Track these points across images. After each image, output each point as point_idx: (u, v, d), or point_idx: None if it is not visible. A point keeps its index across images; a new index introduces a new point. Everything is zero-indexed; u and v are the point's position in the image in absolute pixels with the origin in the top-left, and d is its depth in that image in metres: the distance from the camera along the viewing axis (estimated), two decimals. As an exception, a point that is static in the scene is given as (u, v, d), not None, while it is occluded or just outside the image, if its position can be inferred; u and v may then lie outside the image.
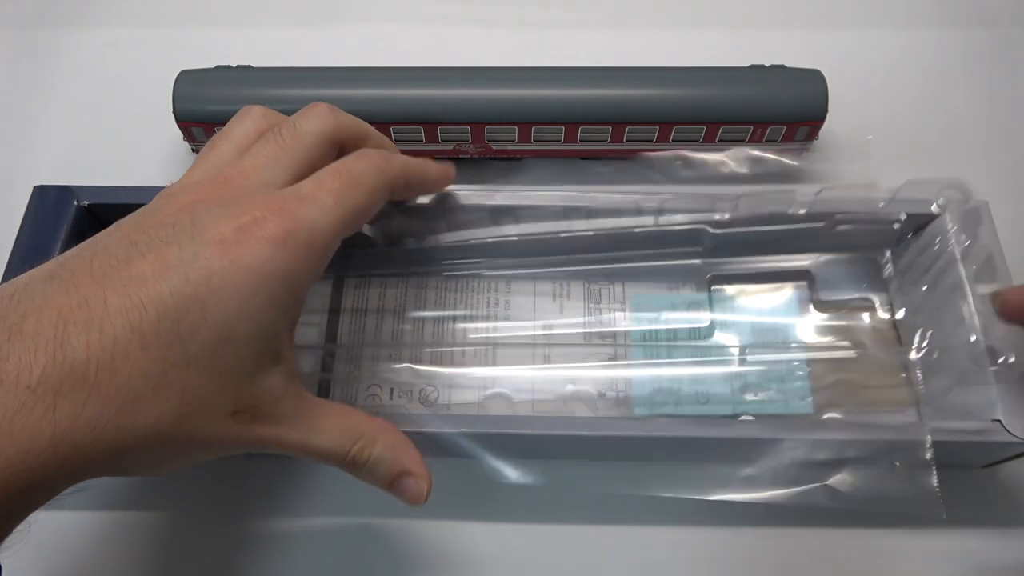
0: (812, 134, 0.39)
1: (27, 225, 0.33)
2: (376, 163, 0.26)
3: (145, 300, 0.21)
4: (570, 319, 0.35)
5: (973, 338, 0.31)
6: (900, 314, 0.34)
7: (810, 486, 0.29)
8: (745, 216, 0.33)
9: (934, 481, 0.28)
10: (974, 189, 0.33)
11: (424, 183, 0.30)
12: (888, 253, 0.35)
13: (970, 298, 0.31)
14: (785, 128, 0.38)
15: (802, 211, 0.33)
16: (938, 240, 0.33)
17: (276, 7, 0.48)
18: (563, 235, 0.34)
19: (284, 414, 0.24)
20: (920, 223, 0.34)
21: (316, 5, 0.48)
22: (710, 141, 0.39)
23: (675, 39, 0.46)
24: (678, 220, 0.34)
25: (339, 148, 0.27)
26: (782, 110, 0.37)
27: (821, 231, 0.34)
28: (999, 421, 0.29)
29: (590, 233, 0.34)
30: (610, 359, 0.34)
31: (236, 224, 0.22)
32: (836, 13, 0.48)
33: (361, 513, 0.32)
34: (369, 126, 0.29)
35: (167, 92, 0.37)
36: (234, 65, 0.39)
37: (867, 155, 0.42)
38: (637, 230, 0.34)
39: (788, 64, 0.39)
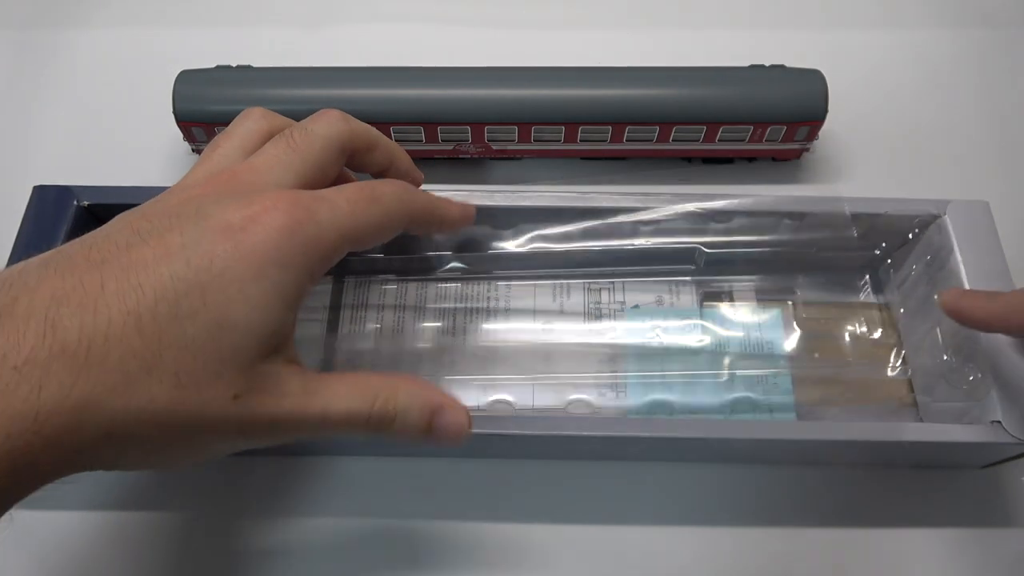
0: (812, 134, 0.39)
1: (27, 225, 0.33)
2: (399, 190, 0.26)
3: (143, 283, 0.21)
4: (570, 319, 0.35)
5: (945, 357, 0.32)
6: (877, 334, 0.35)
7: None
8: (737, 237, 0.35)
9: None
10: (951, 214, 0.33)
11: (443, 222, 0.29)
12: (867, 277, 0.36)
13: (940, 317, 0.32)
14: (785, 128, 0.38)
15: (788, 235, 0.34)
16: (914, 266, 0.34)
17: (276, 7, 0.48)
18: (561, 249, 0.35)
19: (292, 392, 0.23)
20: (899, 244, 0.35)
21: (316, 5, 0.48)
22: (710, 141, 0.39)
23: (675, 39, 0.46)
24: (673, 238, 0.35)
25: (350, 155, 0.27)
26: (782, 110, 0.37)
27: (807, 254, 0.35)
28: (999, 422, 0.29)
29: (588, 248, 0.35)
30: (609, 358, 0.34)
31: (245, 213, 0.22)
32: (836, 13, 0.48)
33: (362, 514, 0.32)
34: (381, 134, 0.29)
35: (167, 92, 0.37)
36: (234, 65, 0.39)
37: (867, 156, 0.42)
38: (634, 245, 0.35)
39: (788, 64, 0.39)
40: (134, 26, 0.47)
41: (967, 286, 0.31)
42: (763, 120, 0.38)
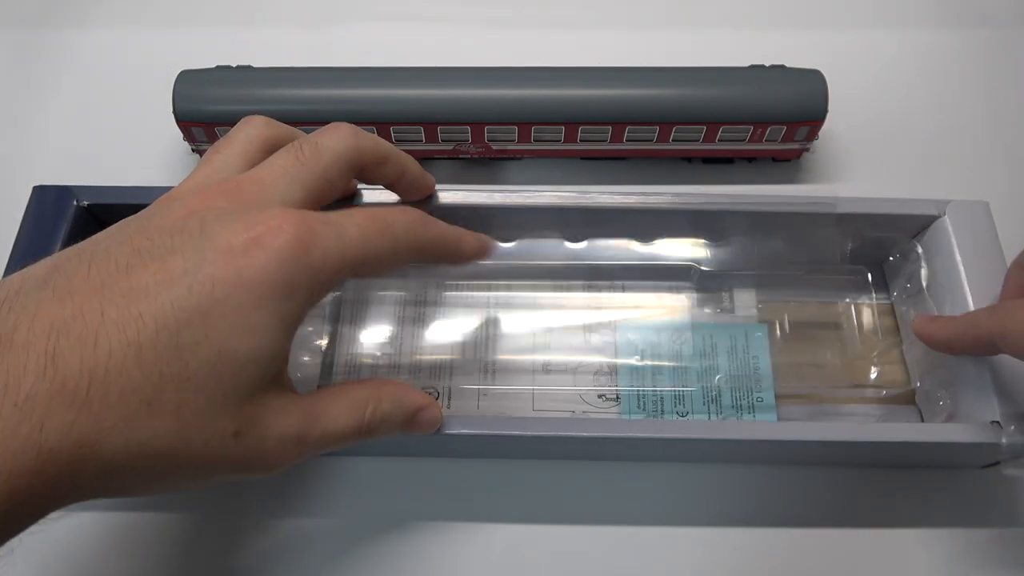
0: (812, 134, 0.39)
1: (27, 225, 0.33)
2: (413, 222, 0.25)
3: (144, 312, 0.20)
4: (568, 328, 0.35)
5: (918, 384, 0.33)
6: (874, 343, 0.35)
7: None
8: (731, 256, 0.35)
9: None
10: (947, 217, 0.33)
11: (458, 256, 0.28)
12: (867, 283, 0.36)
13: (911, 343, 0.33)
14: (785, 128, 0.38)
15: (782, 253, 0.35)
16: (895, 291, 0.35)
17: (276, 7, 0.48)
18: (560, 263, 0.36)
19: (292, 423, 0.23)
20: (899, 248, 0.35)
21: (316, 5, 0.48)
22: (710, 141, 0.39)
23: (675, 39, 0.46)
24: (670, 257, 0.36)
25: (359, 170, 0.27)
26: (782, 110, 0.37)
27: (801, 274, 0.35)
28: (998, 422, 0.29)
29: (586, 263, 0.36)
30: (607, 368, 0.34)
31: (249, 235, 0.21)
32: (836, 13, 0.48)
33: (362, 514, 0.32)
34: (391, 148, 0.28)
35: (167, 92, 0.37)
36: (234, 65, 0.39)
37: (867, 156, 0.42)
38: (632, 262, 0.36)
39: (788, 64, 0.39)
40: (134, 26, 0.47)
41: (966, 287, 0.32)
42: (763, 120, 0.38)
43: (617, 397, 0.34)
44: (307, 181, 0.24)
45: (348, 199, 0.32)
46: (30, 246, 0.32)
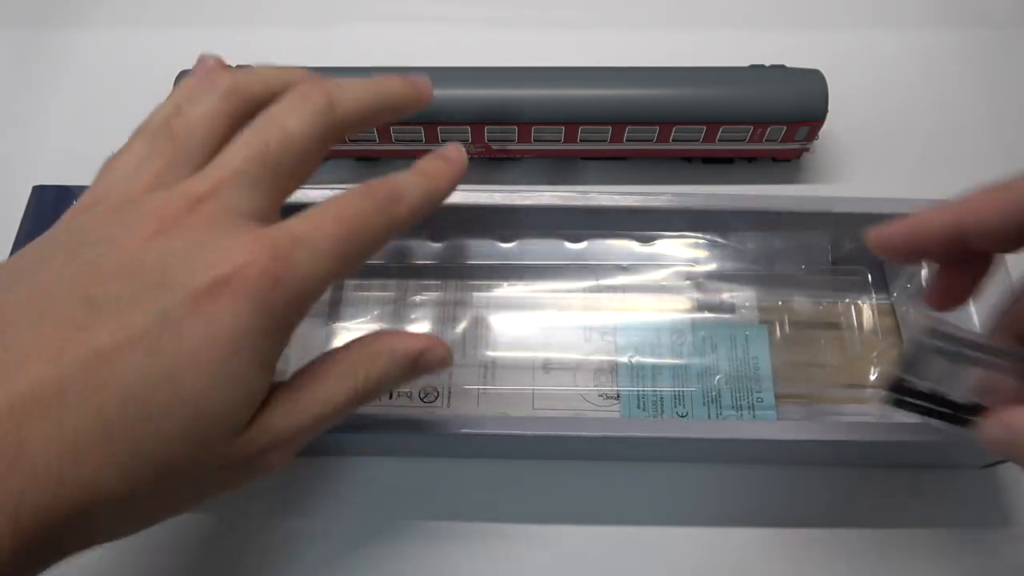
0: (812, 134, 0.39)
1: (26, 225, 0.33)
2: (382, 203, 0.23)
3: (107, 383, 0.18)
4: (568, 329, 0.35)
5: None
6: (873, 342, 0.35)
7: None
8: (732, 256, 0.36)
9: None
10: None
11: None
12: (849, 297, 0.36)
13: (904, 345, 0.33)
14: (785, 128, 0.38)
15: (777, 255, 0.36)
16: (895, 291, 0.36)
17: (276, 7, 0.48)
18: (560, 263, 0.36)
19: (277, 428, 0.21)
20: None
21: (316, 5, 0.48)
22: (710, 141, 0.39)
23: (675, 39, 0.46)
24: (670, 257, 0.36)
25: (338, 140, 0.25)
26: (782, 110, 0.37)
27: (801, 274, 0.36)
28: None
29: (585, 263, 0.36)
30: (607, 369, 0.34)
31: (214, 275, 0.19)
32: (836, 13, 0.48)
33: (362, 513, 0.32)
34: (379, 104, 0.25)
35: (167, 92, 0.37)
36: (234, 65, 0.39)
37: (867, 156, 0.42)
38: (631, 263, 0.36)
39: (788, 64, 0.39)
40: (134, 26, 0.47)
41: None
42: (763, 120, 0.38)
43: (618, 396, 0.34)
44: (272, 181, 0.22)
45: None
46: (30, 246, 0.32)
